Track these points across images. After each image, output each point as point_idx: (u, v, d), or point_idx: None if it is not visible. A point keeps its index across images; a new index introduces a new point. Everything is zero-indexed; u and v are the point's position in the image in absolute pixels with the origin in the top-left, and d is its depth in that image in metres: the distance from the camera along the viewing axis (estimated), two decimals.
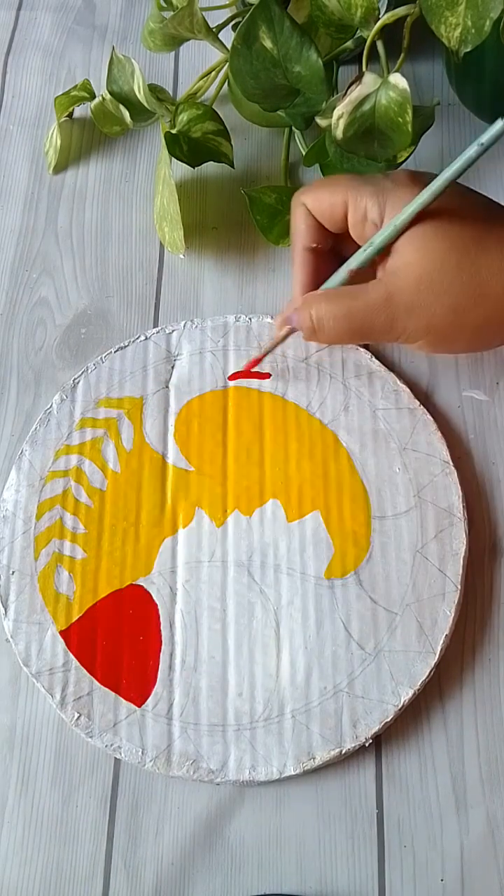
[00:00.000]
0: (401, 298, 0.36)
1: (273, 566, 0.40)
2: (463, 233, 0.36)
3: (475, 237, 0.36)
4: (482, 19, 0.38)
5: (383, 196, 0.37)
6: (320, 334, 0.39)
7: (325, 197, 0.39)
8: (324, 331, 0.38)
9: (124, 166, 0.53)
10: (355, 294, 0.37)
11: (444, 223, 0.36)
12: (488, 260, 0.36)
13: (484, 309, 0.36)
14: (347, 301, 0.37)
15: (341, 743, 0.37)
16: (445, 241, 0.36)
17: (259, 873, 0.36)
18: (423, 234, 0.36)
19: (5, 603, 0.40)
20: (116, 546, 0.41)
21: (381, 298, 0.37)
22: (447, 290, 0.36)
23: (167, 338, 0.46)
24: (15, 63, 0.57)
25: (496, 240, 0.36)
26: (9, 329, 0.48)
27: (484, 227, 0.36)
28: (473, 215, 0.37)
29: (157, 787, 0.38)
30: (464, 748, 0.38)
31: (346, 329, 0.38)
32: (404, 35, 0.42)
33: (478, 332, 0.37)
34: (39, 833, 0.37)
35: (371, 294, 0.37)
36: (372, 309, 0.37)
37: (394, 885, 0.36)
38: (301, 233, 0.40)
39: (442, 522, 0.41)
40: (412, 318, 0.37)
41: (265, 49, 0.42)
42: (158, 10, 0.47)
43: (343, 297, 0.38)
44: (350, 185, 0.38)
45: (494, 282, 0.36)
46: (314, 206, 0.39)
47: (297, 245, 0.40)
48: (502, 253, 0.36)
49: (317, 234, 0.40)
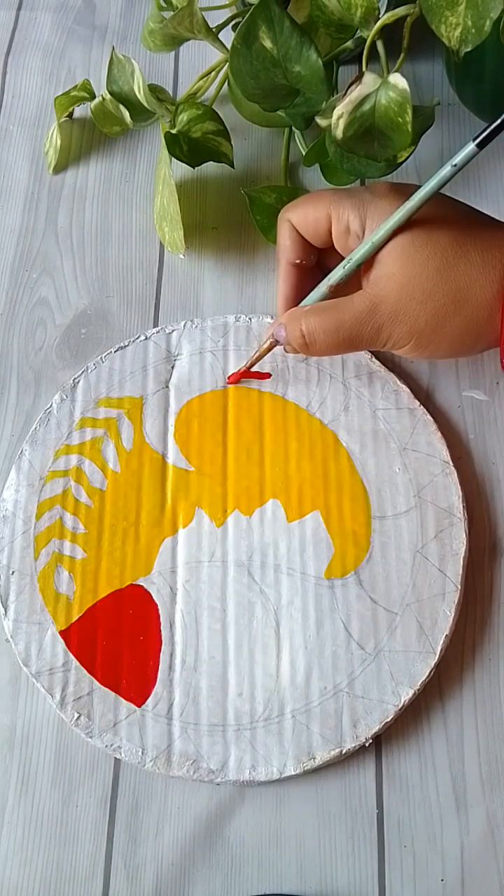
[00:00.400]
0: (385, 307, 0.37)
1: (273, 566, 0.40)
2: (443, 240, 0.37)
3: (455, 244, 0.37)
4: (482, 19, 0.38)
5: (364, 208, 0.38)
6: (312, 348, 0.39)
7: (310, 212, 0.40)
8: (316, 344, 0.39)
9: (124, 166, 0.53)
10: (342, 306, 0.38)
11: (425, 232, 0.37)
12: (468, 267, 0.36)
13: (464, 315, 0.37)
14: (336, 314, 0.38)
15: (341, 743, 0.36)
16: (426, 249, 0.37)
17: (259, 873, 0.36)
18: (404, 244, 0.37)
19: (5, 603, 0.40)
20: (116, 546, 0.41)
21: (366, 308, 0.38)
22: (429, 297, 0.37)
23: (167, 338, 0.46)
24: (15, 63, 0.57)
25: (475, 247, 0.37)
26: (9, 329, 0.48)
27: (464, 234, 0.37)
28: (453, 223, 0.38)
29: (157, 787, 0.38)
30: (464, 748, 0.38)
31: (336, 341, 0.39)
32: (404, 35, 0.42)
33: (459, 337, 0.38)
34: (39, 833, 0.37)
35: (357, 305, 0.38)
36: (359, 319, 0.38)
37: (394, 885, 0.36)
38: (286, 249, 0.41)
39: (442, 522, 0.41)
40: (397, 326, 0.37)
41: (265, 49, 0.42)
42: (158, 10, 0.47)
43: (331, 311, 0.38)
44: (332, 199, 0.39)
45: (474, 288, 0.36)
46: (299, 222, 0.40)
47: (282, 261, 0.41)
48: (482, 260, 0.37)
49: (301, 251, 0.41)
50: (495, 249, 0.37)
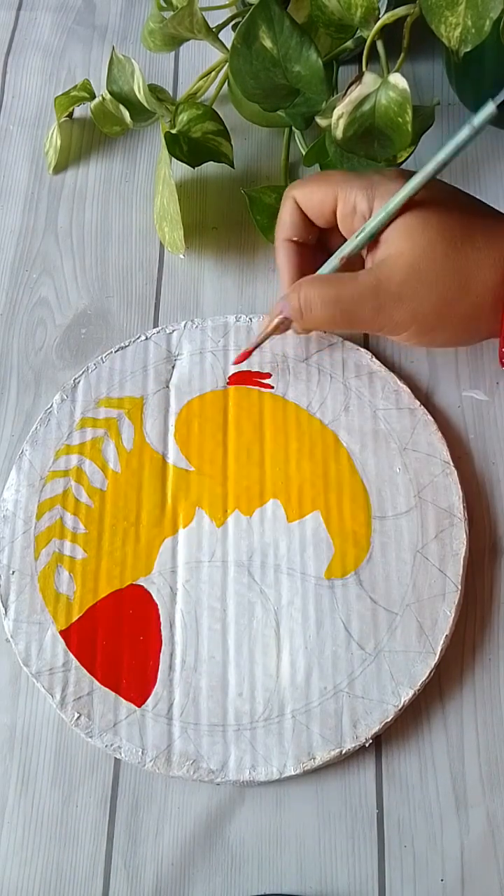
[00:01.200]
0: (389, 287, 0.37)
1: (273, 566, 0.40)
2: (451, 224, 0.37)
3: (463, 229, 0.37)
4: (482, 19, 0.38)
5: (372, 189, 0.38)
6: (307, 315, 0.39)
7: (316, 191, 0.39)
8: (311, 313, 0.39)
9: (124, 166, 0.53)
10: (345, 281, 0.38)
11: (433, 215, 0.37)
12: (475, 252, 0.36)
13: (469, 300, 0.37)
14: (337, 287, 0.38)
15: (341, 743, 0.36)
16: (433, 232, 0.36)
17: (259, 873, 0.36)
18: (412, 225, 0.37)
19: (5, 603, 0.40)
20: (117, 546, 0.41)
21: (370, 286, 0.37)
22: (435, 280, 0.36)
23: (167, 338, 0.46)
24: (15, 63, 0.57)
25: (482, 233, 0.37)
26: (9, 329, 0.48)
27: (471, 220, 0.37)
28: (461, 209, 0.38)
29: (157, 787, 0.38)
30: (464, 748, 0.38)
31: (332, 314, 0.38)
32: (404, 35, 0.42)
33: (462, 323, 0.37)
34: (39, 833, 0.37)
35: (361, 282, 0.37)
36: (361, 296, 0.37)
37: (394, 885, 0.36)
38: (286, 225, 0.41)
39: (442, 523, 0.41)
40: (399, 308, 0.37)
41: (265, 49, 0.42)
42: (158, 10, 0.47)
43: (333, 283, 0.38)
44: (340, 179, 0.39)
45: (480, 274, 0.36)
46: (303, 201, 0.40)
47: (280, 237, 0.42)
48: (488, 246, 0.36)
49: (301, 229, 0.41)
50: (501, 239, 0.37)
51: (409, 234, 0.37)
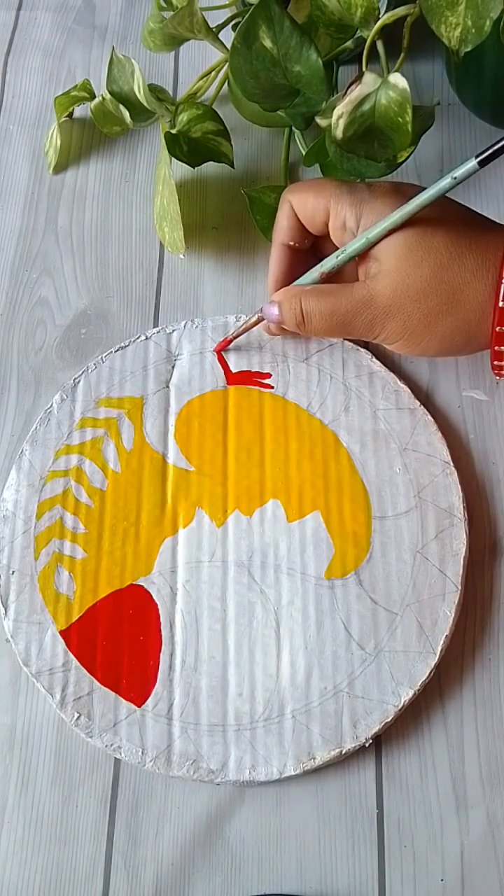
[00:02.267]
0: (380, 302, 0.38)
1: (273, 566, 0.40)
2: (439, 242, 0.38)
3: (451, 246, 0.38)
4: (482, 19, 0.38)
5: (360, 207, 0.39)
6: (308, 327, 0.40)
7: (310, 199, 0.41)
8: (311, 324, 0.40)
9: (124, 166, 0.53)
10: (341, 293, 0.39)
11: (422, 232, 0.38)
12: (462, 269, 0.37)
13: (456, 316, 0.38)
14: (334, 299, 0.39)
15: (341, 743, 0.36)
16: (422, 250, 0.38)
17: (259, 873, 0.36)
18: (401, 243, 0.38)
19: (5, 603, 0.40)
20: (117, 546, 0.41)
21: (363, 300, 0.39)
22: (423, 296, 0.38)
23: (168, 338, 0.46)
24: (15, 63, 0.57)
25: (470, 249, 0.38)
26: (9, 329, 0.48)
27: (460, 236, 0.38)
28: (450, 225, 0.38)
29: (157, 787, 0.38)
30: (464, 748, 0.38)
31: (330, 324, 0.40)
32: (404, 35, 0.42)
33: (450, 337, 0.39)
34: (39, 833, 0.37)
35: (355, 295, 0.39)
36: (355, 309, 0.39)
37: (394, 885, 0.36)
38: (283, 230, 0.42)
39: (442, 523, 0.41)
40: (389, 321, 0.39)
41: (265, 49, 0.42)
42: (158, 10, 0.47)
43: (330, 295, 0.39)
44: (333, 192, 0.40)
45: (467, 290, 0.37)
46: (298, 207, 0.41)
47: (276, 240, 0.43)
48: (476, 263, 0.37)
49: (297, 234, 0.42)
50: (490, 253, 0.38)
51: (398, 253, 0.38)
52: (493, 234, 0.38)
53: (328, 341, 0.45)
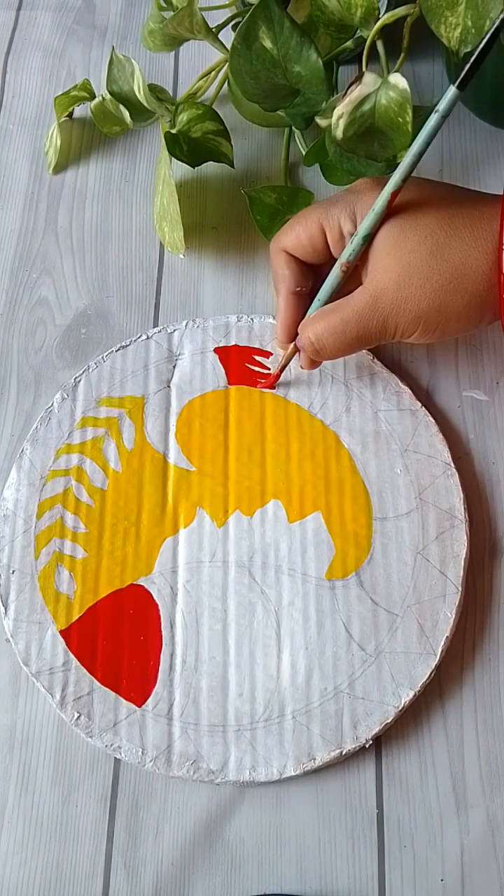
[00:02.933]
0: (386, 298, 0.37)
1: (274, 567, 0.40)
2: (431, 223, 0.37)
3: (444, 224, 0.37)
4: (482, 19, 0.38)
5: (351, 207, 0.39)
6: (324, 353, 0.40)
7: (302, 233, 0.40)
8: (326, 348, 0.39)
9: (124, 166, 0.53)
10: (344, 306, 0.39)
11: (413, 217, 0.37)
12: (460, 244, 0.37)
13: (464, 291, 0.37)
14: (339, 315, 0.39)
15: (342, 744, 0.37)
16: (416, 235, 0.37)
17: (259, 873, 0.36)
18: (394, 233, 0.37)
19: (5, 602, 0.40)
20: (117, 546, 0.41)
21: (368, 303, 0.38)
22: (427, 280, 0.37)
23: (169, 337, 0.46)
24: (15, 63, 0.57)
25: (464, 223, 0.37)
26: (9, 329, 0.48)
27: (451, 213, 0.37)
28: (439, 204, 0.38)
29: (157, 787, 0.38)
30: (464, 748, 0.38)
31: (345, 341, 0.39)
32: (404, 35, 0.42)
33: (464, 313, 0.38)
34: (39, 833, 0.37)
35: (358, 301, 0.38)
36: (362, 315, 0.38)
37: (394, 885, 0.36)
38: (285, 278, 0.41)
39: (443, 524, 0.41)
40: (401, 314, 0.38)
41: (265, 49, 0.42)
42: (158, 10, 0.47)
43: (334, 312, 0.39)
44: (319, 212, 0.39)
45: (469, 263, 0.37)
46: (294, 247, 0.40)
47: (282, 290, 0.42)
48: (472, 235, 0.37)
49: (300, 278, 0.41)
50: (484, 223, 0.37)
51: (393, 244, 0.37)
52: (483, 205, 0.38)
53: None
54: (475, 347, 0.46)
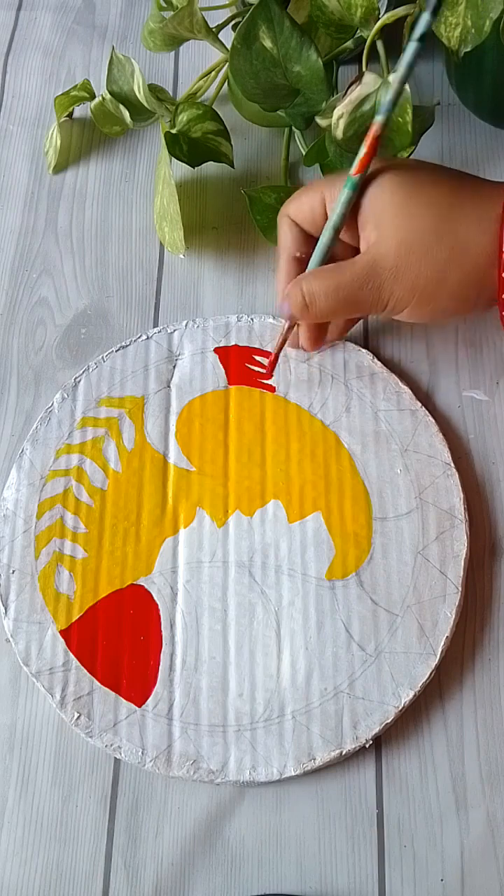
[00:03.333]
0: (385, 264, 0.37)
1: (274, 567, 0.40)
2: (437, 196, 0.37)
3: (450, 198, 0.37)
4: (482, 19, 0.38)
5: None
6: (312, 309, 0.39)
7: (304, 200, 0.40)
8: (315, 306, 0.39)
9: (124, 166, 0.53)
10: (342, 267, 0.38)
11: (419, 188, 0.37)
12: (464, 219, 0.37)
13: (464, 267, 0.37)
14: (336, 275, 0.38)
15: (342, 744, 0.37)
16: (421, 206, 0.37)
17: (259, 873, 0.36)
18: (399, 202, 0.37)
19: (5, 602, 0.40)
20: (117, 546, 0.41)
21: (366, 267, 0.38)
22: (428, 251, 0.37)
23: (169, 337, 0.46)
24: (15, 63, 0.57)
25: (470, 199, 0.37)
26: (9, 329, 0.48)
27: (458, 188, 0.37)
28: (445, 181, 0.38)
29: (157, 787, 0.38)
30: (464, 748, 0.38)
31: (335, 302, 0.39)
32: (404, 35, 0.42)
33: (461, 290, 0.38)
34: (39, 833, 0.37)
35: (357, 265, 0.38)
36: (359, 279, 0.38)
37: (394, 885, 0.36)
38: (287, 243, 0.41)
39: (443, 524, 0.41)
40: (398, 283, 0.37)
41: (265, 49, 0.42)
42: (158, 10, 0.47)
43: (331, 272, 0.39)
44: (324, 183, 0.39)
45: (471, 241, 0.37)
46: (297, 213, 0.40)
47: (283, 255, 0.42)
48: (476, 213, 0.37)
49: (301, 243, 0.41)
50: (488, 202, 0.37)
51: (397, 212, 0.37)
52: (489, 187, 0.38)
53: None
54: (475, 347, 0.46)
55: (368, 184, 0.38)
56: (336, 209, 0.38)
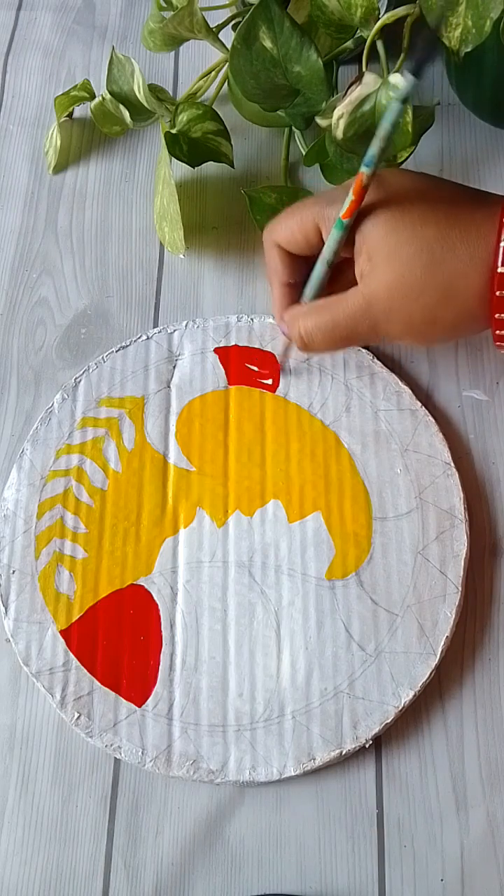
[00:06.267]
0: (378, 305, 0.38)
1: (274, 567, 0.40)
2: (429, 236, 0.37)
3: (441, 239, 0.37)
4: (482, 19, 0.38)
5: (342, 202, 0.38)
6: (311, 346, 0.40)
7: (296, 228, 0.40)
8: (314, 343, 0.40)
9: (124, 166, 0.53)
10: (337, 305, 0.39)
11: (410, 227, 0.37)
12: (455, 261, 0.37)
13: (455, 306, 0.37)
14: (331, 313, 0.39)
15: (342, 744, 0.37)
16: (412, 246, 0.37)
17: (259, 873, 0.36)
18: (391, 243, 0.37)
19: (6, 602, 0.40)
20: (117, 546, 0.41)
21: (360, 307, 0.38)
22: (420, 292, 0.37)
23: (169, 337, 0.46)
24: (15, 63, 0.57)
25: (461, 239, 0.37)
26: (9, 329, 0.48)
27: (450, 225, 0.37)
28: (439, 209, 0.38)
29: (157, 787, 0.38)
30: (464, 748, 0.38)
31: (333, 339, 0.39)
32: (404, 35, 0.42)
33: (453, 327, 0.38)
34: (39, 833, 0.37)
35: (351, 303, 0.38)
36: (354, 317, 0.38)
37: (394, 885, 0.36)
38: (278, 272, 0.41)
39: (443, 524, 0.41)
40: (391, 322, 0.38)
41: (265, 49, 0.42)
42: (158, 10, 0.47)
43: (327, 310, 0.39)
44: (313, 208, 0.39)
45: (463, 281, 0.37)
46: (289, 241, 0.40)
47: (275, 283, 0.42)
48: (468, 253, 0.37)
49: (293, 270, 0.41)
50: (481, 240, 0.37)
51: (389, 254, 0.37)
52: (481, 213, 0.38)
53: None
54: (475, 347, 0.46)
55: (363, 218, 0.38)
56: (328, 245, 0.39)
